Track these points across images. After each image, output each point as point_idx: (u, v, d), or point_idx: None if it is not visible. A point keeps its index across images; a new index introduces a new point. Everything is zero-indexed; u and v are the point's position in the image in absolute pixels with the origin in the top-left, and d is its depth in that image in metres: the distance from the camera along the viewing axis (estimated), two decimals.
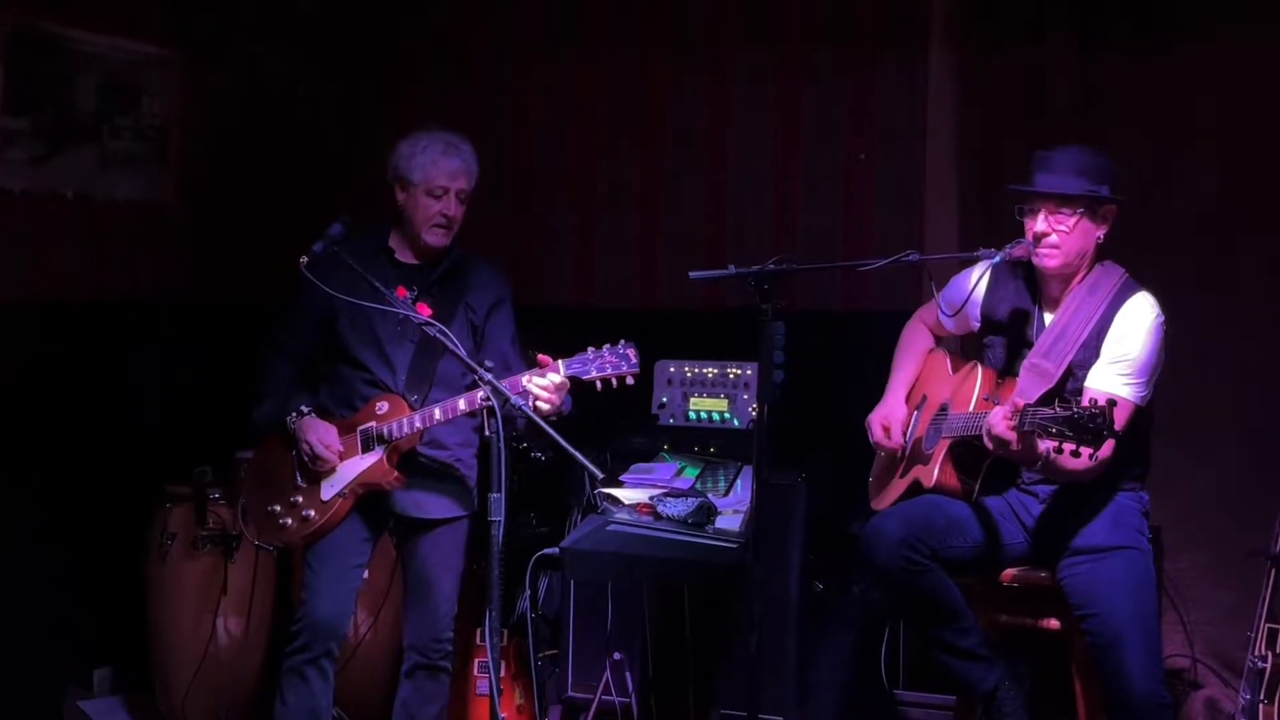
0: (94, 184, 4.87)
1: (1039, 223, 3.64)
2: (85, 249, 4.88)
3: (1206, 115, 4.75)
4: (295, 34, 5.50)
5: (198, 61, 5.15)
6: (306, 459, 3.86)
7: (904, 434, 3.93)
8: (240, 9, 5.30)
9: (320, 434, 3.85)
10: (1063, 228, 3.62)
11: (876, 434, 3.94)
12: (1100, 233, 3.69)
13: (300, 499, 3.88)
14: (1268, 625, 4.23)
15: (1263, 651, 4.22)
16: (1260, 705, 4.21)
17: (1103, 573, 3.59)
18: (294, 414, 3.90)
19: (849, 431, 4.22)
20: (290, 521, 3.88)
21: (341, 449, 3.85)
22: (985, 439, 3.45)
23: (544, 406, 3.68)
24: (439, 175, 3.89)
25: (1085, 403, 3.26)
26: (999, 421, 3.40)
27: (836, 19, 5.16)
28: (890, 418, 3.95)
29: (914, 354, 4.09)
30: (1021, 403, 3.38)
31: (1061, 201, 3.62)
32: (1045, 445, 3.38)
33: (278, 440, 3.95)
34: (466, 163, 3.93)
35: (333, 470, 3.86)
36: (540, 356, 3.74)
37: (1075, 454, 3.22)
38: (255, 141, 5.36)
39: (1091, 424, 3.16)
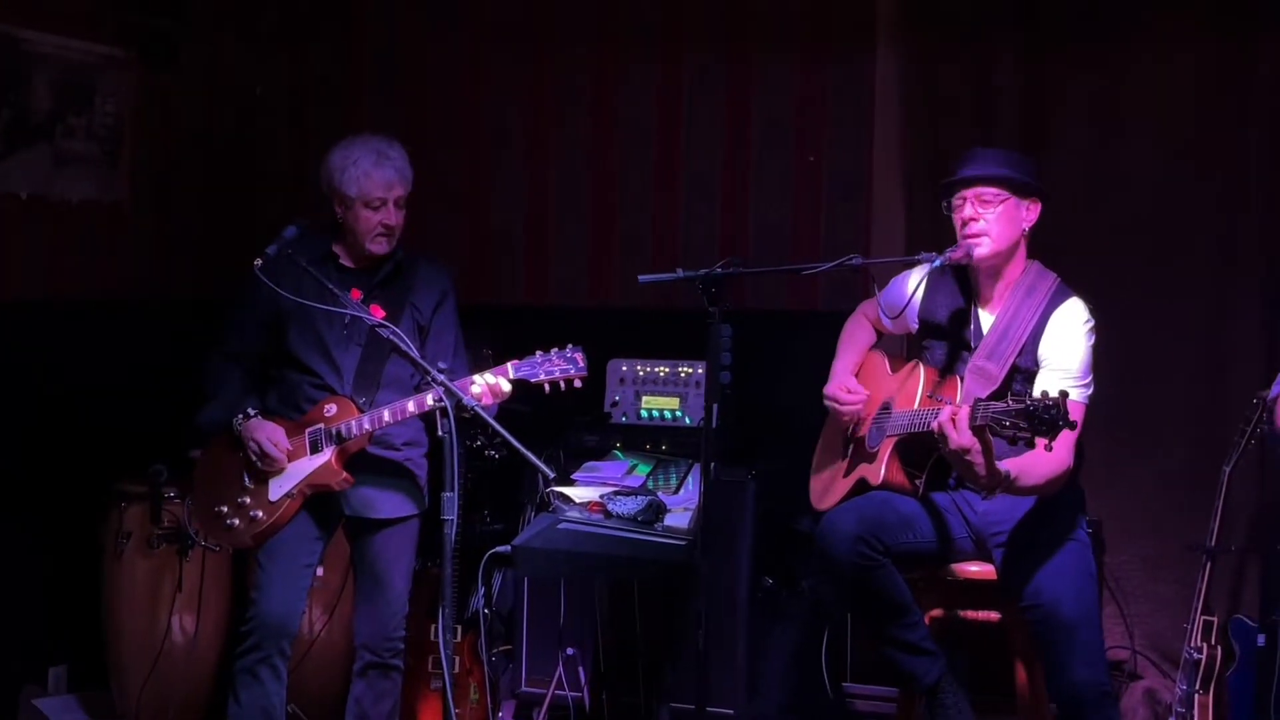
0: (48, 184, 4.86)
1: (966, 208, 3.72)
2: (40, 249, 4.87)
3: (1150, 116, 4.82)
4: (249, 36, 5.51)
5: (152, 62, 5.15)
6: (254, 458, 3.87)
7: (861, 388, 3.97)
8: (195, 10, 5.31)
9: (268, 433, 3.87)
10: (988, 211, 3.70)
11: (843, 397, 3.96)
12: (1026, 224, 3.76)
13: (247, 499, 3.89)
14: (1203, 617, 4.31)
15: (1198, 643, 4.30)
16: (1196, 695, 4.30)
17: (1045, 564, 3.64)
18: (240, 416, 3.91)
19: (799, 429, 4.28)
20: (237, 522, 3.89)
21: (289, 448, 3.88)
22: (939, 439, 3.46)
23: (483, 400, 3.72)
24: (374, 188, 3.90)
25: (1037, 395, 3.36)
26: (948, 419, 3.43)
27: (785, 21, 5.19)
28: (847, 382, 3.99)
29: (857, 345, 4.14)
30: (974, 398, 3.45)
31: (986, 183, 3.71)
32: (1015, 466, 3.47)
33: (225, 441, 3.96)
34: (400, 170, 3.94)
35: (281, 470, 3.88)
36: (510, 364, 3.78)
37: (1030, 444, 3.26)
38: (210, 142, 5.37)
39: (1046, 415, 3.21)
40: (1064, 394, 3.25)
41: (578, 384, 3.75)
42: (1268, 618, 4.35)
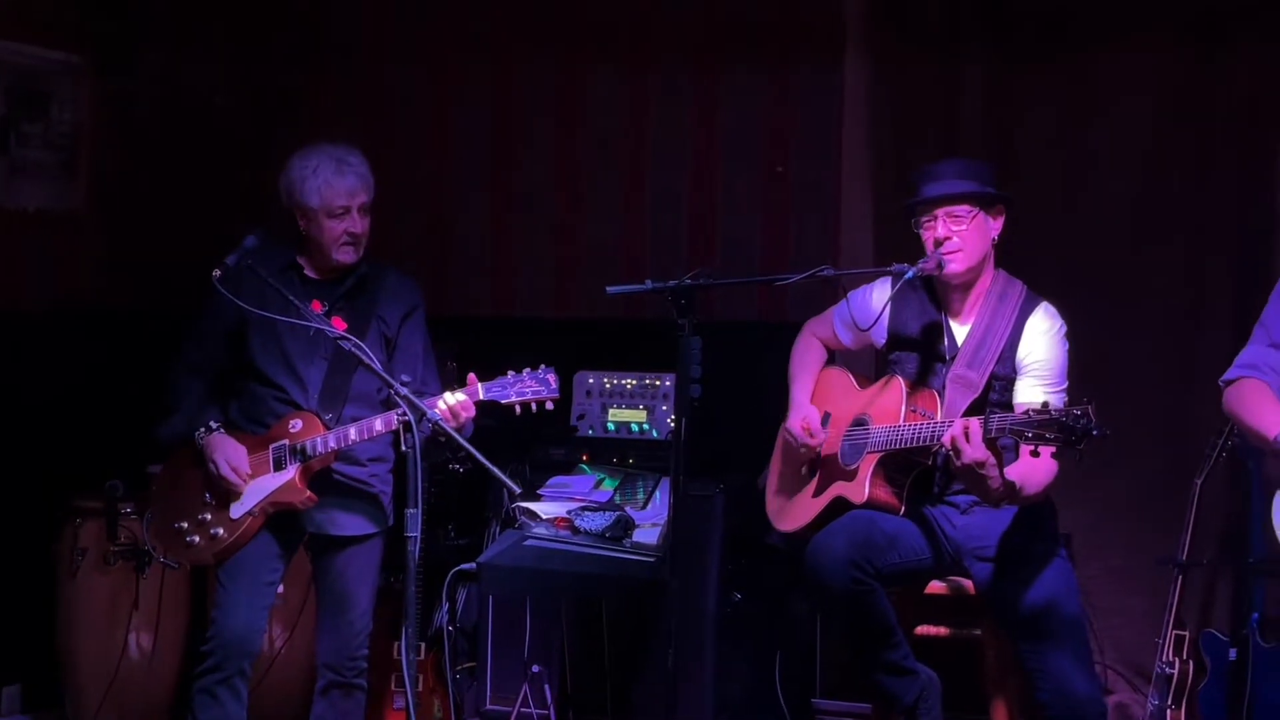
0: (3, 193, 4.80)
1: (939, 228, 3.71)
2: None
3: (1118, 126, 4.83)
4: (208, 41, 5.43)
5: (109, 69, 5.08)
6: (214, 478, 3.81)
7: (822, 431, 3.95)
8: (152, 16, 5.23)
9: (228, 454, 3.79)
10: (961, 228, 3.70)
11: (801, 437, 3.93)
12: (994, 233, 3.78)
13: (209, 516, 3.82)
14: (1175, 631, 4.32)
15: (1170, 657, 4.31)
16: (1168, 710, 4.29)
17: (1037, 578, 3.62)
18: (202, 429, 3.83)
19: (768, 441, 4.24)
20: (198, 539, 3.82)
21: (250, 472, 3.80)
22: (953, 453, 3.45)
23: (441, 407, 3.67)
24: (337, 196, 3.84)
25: (1020, 414, 3.39)
26: (960, 433, 3.41)
27: (752, 31, 5.17)
28: (809, 419, 3.95)
29: (810, 366, 4.12)
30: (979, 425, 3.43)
31: (956, 201, 3.70)
32: (1018, 474, 3.47)
33: (187, 455, 3.89)
34: (361, 176, 3.88)
35: (242, 490, 3.80)
36: (470, 377, 3.74)
37: (1057, 455, 3.30)
38: (168, 149, 5.30)
39: (1078, 424, 3.23)
40: (1089, 401, 3.27)
41: (549, 406, 3.71)
42: (1239, 632, 4.34)
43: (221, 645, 3.81)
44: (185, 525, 3.84)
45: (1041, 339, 3.71)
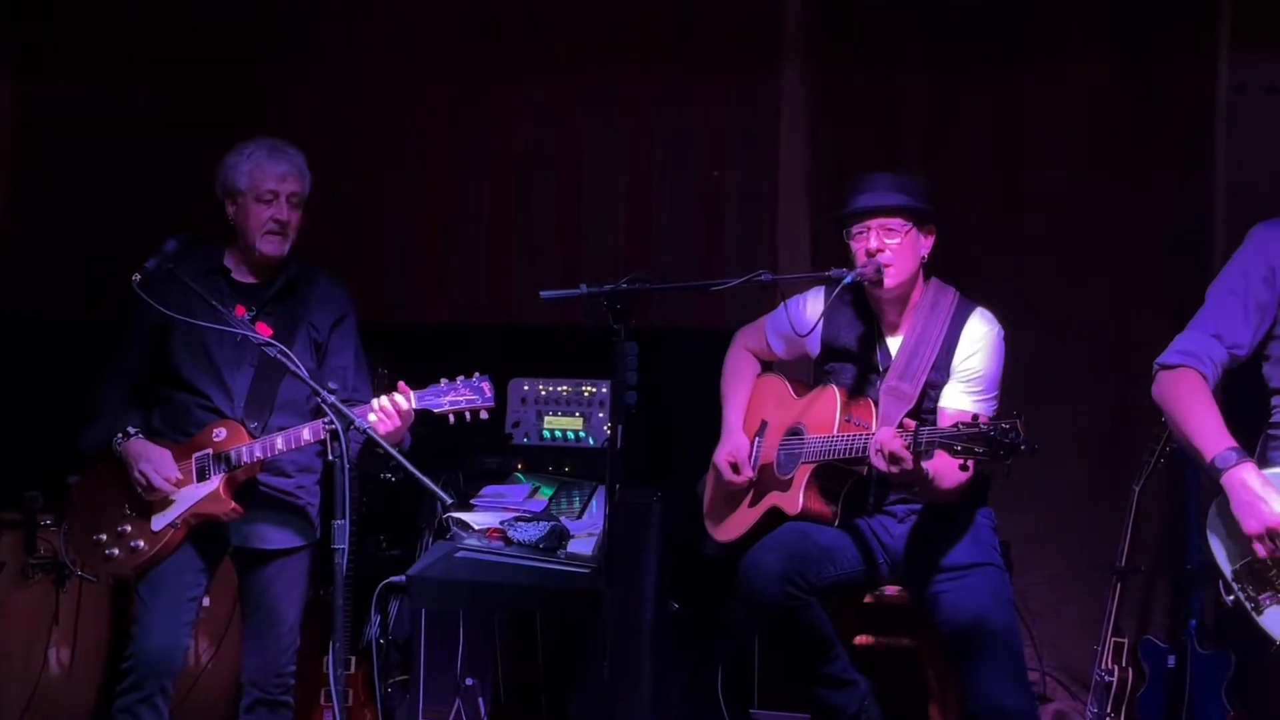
0: None
1: (871, 240, 3.68)
2: None
3: (1053, 134, 4.86)
4: (131, 43, 5.32)
5: (26, 70, 4.96)
6: (140, 488, 3.70)
7: (750, 466, 3.91)
8: (71, 17, 5.11)
9: (155, 462, 3.68)
10: (893, 241, 3.67)
11: (727, 474, 3.90)
12: (924, 251, 3.75)
13: (129, 528, 3.72)
14: (1113, 639, 4.34)
15: (1109, 665, 4.32)
16: (1108, 717, 4.30)
17: (968, 590, 3.60)
18: (120, 435, 3.73)
19: (706, 448, 4.20)
20: (117, 551, 3.71)
21: (180, 478, 3.70)
22: (877, 459, 3.43)
23: (380, 428, 3.57)
24: (266, 179, 3.76)
25: (946, 423, 3.39)
26: (891, 440, 3.39)
27: (689, 36, 5.16)
28: (736, 453, 3.92)
29: (743, 382, 4.09)
30: (913, 424, 3.41)
31: (891, 213, 3.68)
32: (933, 466, 3.44)
33: (107, 465, 3.78)
34: (295, 165, 3.81)
35: (175, 497, 3.70)
36: (400, 384, 3.66)
37: (984, 468, 3.30)
38: (89, 155, 5.18)
39: (1006, 439, 3.21)
40: (1019, 415, 3.24)
41: (484, 415, 3.64)
42: (1178, 638, 4.37)
43: (141, 663, 3.70)
44: (104, 537, 3.74)
45: (978, 344, 3.69)
